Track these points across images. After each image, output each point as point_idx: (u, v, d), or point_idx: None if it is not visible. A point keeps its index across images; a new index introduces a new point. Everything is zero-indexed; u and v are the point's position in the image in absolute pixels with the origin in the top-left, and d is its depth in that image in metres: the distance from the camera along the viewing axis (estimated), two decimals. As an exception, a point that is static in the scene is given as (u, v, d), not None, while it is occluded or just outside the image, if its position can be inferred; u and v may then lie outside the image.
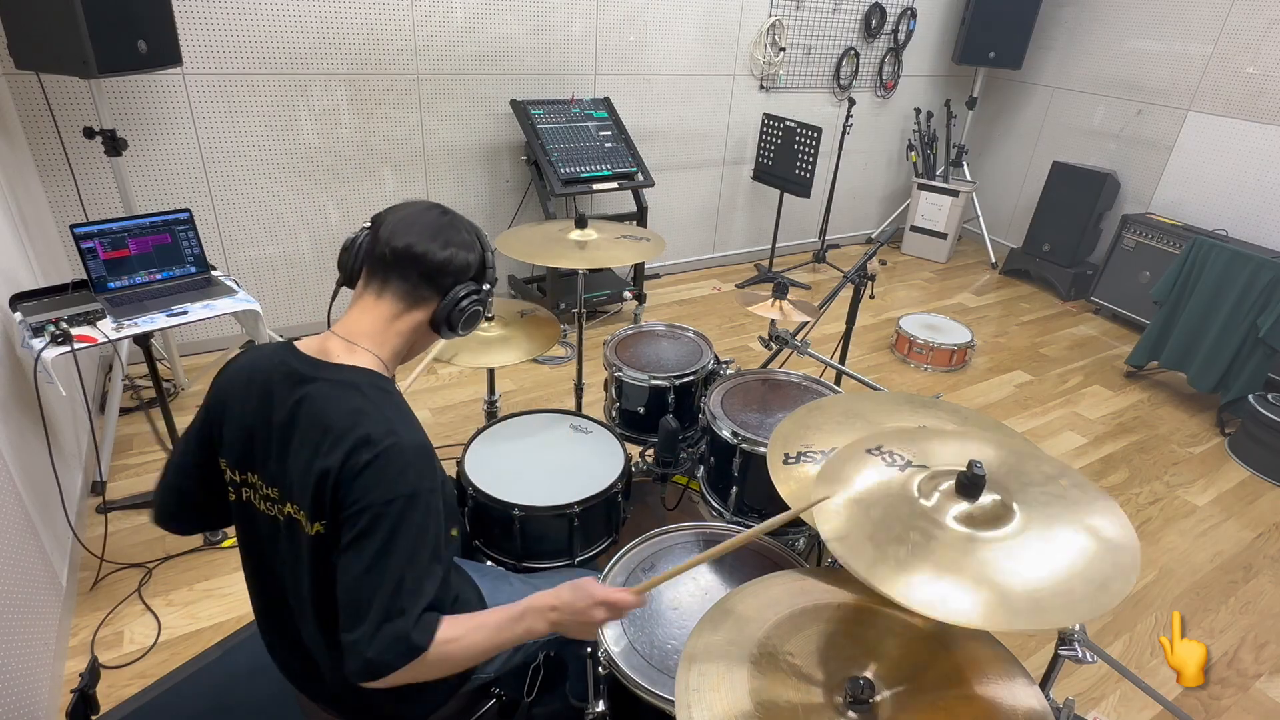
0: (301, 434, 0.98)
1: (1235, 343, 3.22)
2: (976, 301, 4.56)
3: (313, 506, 0.96)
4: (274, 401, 1.00)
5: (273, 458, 1.01)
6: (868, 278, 2.36)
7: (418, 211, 1.08)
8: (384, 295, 1.05)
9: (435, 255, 1.05)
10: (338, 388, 0.99)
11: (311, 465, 0.95)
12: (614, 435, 1.87)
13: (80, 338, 1.87)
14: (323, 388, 0.98)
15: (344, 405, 0.97)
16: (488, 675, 1.28)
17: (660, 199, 4.24)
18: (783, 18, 4.21)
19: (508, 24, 3.43)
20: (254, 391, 1.02)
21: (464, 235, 1.09)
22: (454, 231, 1.08)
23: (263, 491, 1.03)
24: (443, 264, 1.05)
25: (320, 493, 0.95)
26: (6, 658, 1.49)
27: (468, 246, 1.09)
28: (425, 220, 1.07)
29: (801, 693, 0.92)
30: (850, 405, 1.51)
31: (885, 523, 0.99)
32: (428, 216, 1.08)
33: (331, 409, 0.97)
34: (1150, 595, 2.33)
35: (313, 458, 0.95)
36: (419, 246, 1.04)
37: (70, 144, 2.65)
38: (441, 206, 1.11)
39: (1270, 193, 3.89)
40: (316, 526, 0.97)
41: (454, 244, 1.07)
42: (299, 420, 0.98)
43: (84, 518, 2.27)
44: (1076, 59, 4.71)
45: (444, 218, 1.09)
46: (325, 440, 0.95)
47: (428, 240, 1.05)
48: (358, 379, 1.00)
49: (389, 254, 1.04)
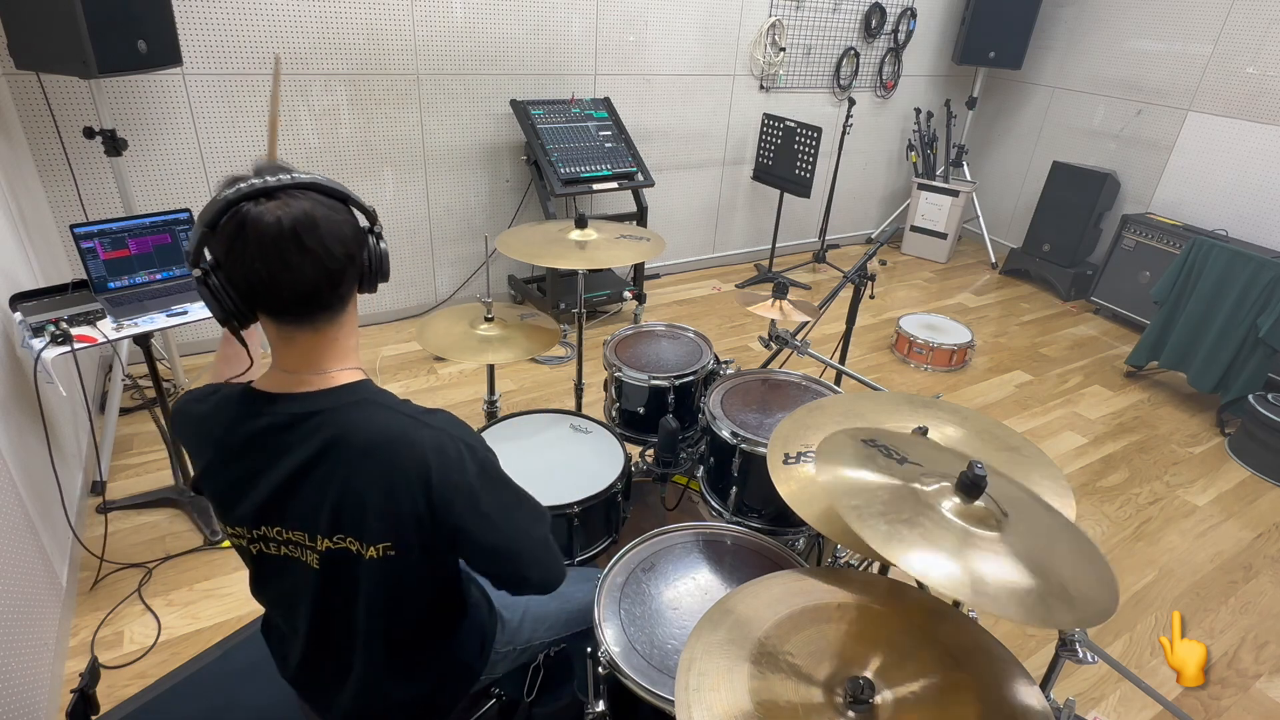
0: (329, 466, 0.94)
1: (1235, 343, 3.22)
2: (976, 301, 4.56)
3: (375, 531, 0.95)
4: (269, 452, 0.95)
5: (288, 503, 0.97)
6: (868, 278, 2.36)
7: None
8: (300, 333, 0.95)
9: (300, 294, 0.89)
10: (347, 410, 0.95)
11: (359, 493, 0.93)
12: (614, 435, 1.87)
13: (80, 338, 1.87)
14: (332, 416, 0.94)
15: (371, 425, 0.94)
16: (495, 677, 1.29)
17: (660, 199, 4.24)
18: (783, 18, 4.21)
19: (508, 24, 3.43)
20: (236, 452, 0.97)
21: (314, 245, 0.87)
22: (299, 258, 0.87)
23: (284, 537, 0.99)
24: (309, 295, 0.90)
25: (394, 517, 0.94)
26: (6, 658, 1.49)
27: (319, 260, 0.88)
28: (269, 265, 0.88)
29: (801, 693, 0.92)
30: (850, 405, 1.51)
31: (894, 504, 1.00)
32: (262, 253, 0.87)
33: (355, 432, 0.94)
34: (1150, 595, 2.33)
35: (361, 486, 0.93)
36: (275, 300, 0.90)
37: (70, 144, 2.65)
38: (279, 231, 0.86)
39: (1270, 193, 3.89)
40: (372, 551, 0.96)
41: (303, 271, 0.88)
42: (321, 456, 0.94)
43: (84, 518, 2.28)
44: (1076, 59, 4.71)
45: (279, 245, 0.87)
46: (369, 465, 0.93)
47: (276, 289, 0.88)
48: (356, 395, 0.97)
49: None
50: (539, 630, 1.34)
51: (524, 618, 1.32)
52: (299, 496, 0.96)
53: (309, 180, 0.89)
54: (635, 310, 3.90)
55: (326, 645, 1.08)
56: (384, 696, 1.11)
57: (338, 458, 0.93)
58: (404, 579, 1.01)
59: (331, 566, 0.99)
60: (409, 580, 1.02)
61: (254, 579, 1.10)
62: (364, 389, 0.98)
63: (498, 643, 1.27)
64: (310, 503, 0.95)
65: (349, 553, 0.97)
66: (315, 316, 0.93)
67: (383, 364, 3.27)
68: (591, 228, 2.11)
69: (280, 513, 0.98)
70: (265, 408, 0.95)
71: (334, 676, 1.10)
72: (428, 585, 1.07)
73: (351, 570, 0.98)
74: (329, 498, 0.94)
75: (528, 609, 1.34)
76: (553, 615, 1.36)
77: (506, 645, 1.29)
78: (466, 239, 3.76)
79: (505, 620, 1.29)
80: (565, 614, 1.37)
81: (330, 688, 1.12)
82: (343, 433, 0.93)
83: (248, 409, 0.96)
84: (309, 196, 0.88)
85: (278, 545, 1.00)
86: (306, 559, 0.99)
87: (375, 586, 0.99)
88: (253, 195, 0.85)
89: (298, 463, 0.94)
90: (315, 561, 0.99)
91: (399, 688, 1.11)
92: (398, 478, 0.93)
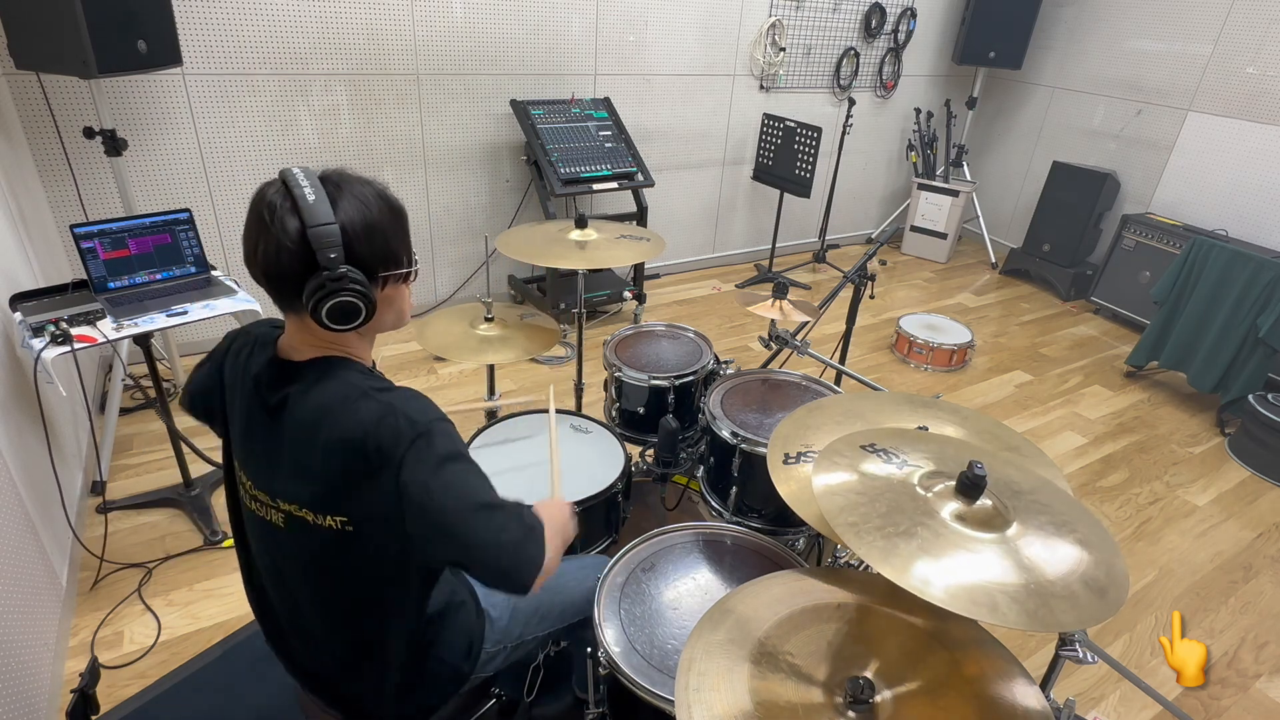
0: (290, 436, 0.98)
1: (1235, 343, 3.22)
2: (976, 301, 4.56)
3: (324, 502, 0.97)
4: (261, 402, 1.01)
5: (261, 462, 1.02)
6: (868, 278, 2.36)
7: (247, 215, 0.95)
8: (281, 308, 0.99)
9: (258, 270, 0.94)
10: (314, 385, 0.98)
11: (311, 464, 0.96)
12: (614, 435, 1.87)
13: (80, 338, 1.87)
14: (301, 386, 0.98)
15: (323, 397, 0.97)
16: (487, 674, 1.28)
17: (660, 199, 4.24)
18: (783, 18, 4.20)
19: (508, 24, 3.43)
20: (249, 387, 1.03)
21: (276, 226, 0.90)
22: (262, 229, 0.92)
23: (253, 493, 1.04)
24: (266, 275, 0.94)
25: (336, 487, 0.95)
26: (6, 658, 1.49)
27: (275, 238, 0.91)
28: (247, 226, 0.94)
29: (801, 692, 0.92)
30: (850, 405, 1.51)
31: (891, 516, 1.00)
32: (249, 217, 0.94)
33: (310, 403, 0.97)
34: (1150, 595, 2.33)
35: (308, 457, 0.96)
36: (250, 264, 0.95)
37: (70, 144, 2.65)
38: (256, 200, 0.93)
39: (1270, 193, 3.89)
40: (329, 521, 0.97)
41: (265, 245, 0.92)
42: (285, 424, 0.98)
43: (84, 518, 2.27)
44: (1076, 59, 4.71)
45: (251, 214, 0.94)
46: (317, 437, 0.95)
47: (249, 251, 0.94)
48: (327, 371, 0.99)
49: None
50: (531, 625, 1.32)
51: (513, 615, 1.30)
52: (261, 459, 1.01)
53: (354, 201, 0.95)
54: (635, 310, 3.90)
55: (292, 609, 1.11)
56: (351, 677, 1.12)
57: (293, 429, 0.97)
58: (360, 552, 1.00)
59: (295, 529, 1.01)
60: (368, 557, 1.01)
61: (234, 526, 1.15)
62: (335, 364, 1.00)
63: (487, 643, 1.25)
64: (272, 467, 1.00)
65: (305, 521, 0.99)
66: (278, 302, 0.97)
67: (382, 364, 3.27)
68: (591, 228, 2.11)
69: (254, 467, 1.03)
70: (265, 366, 1.02)
71: (298, 640, 1.14)
72: (390, 562, 1.02)
73: (307, 537, 1.00)
74: (283, 466, 0.99)
75: (516, 605, 1.31)
76: (545, 607, 1.34)
77: (496, 645, 1.27)
78: (466, 239, 3.76)
79: (493, 619, 1.28)
80: (558, 606, 1.35)
81: (295, 650, 1.16)
82: (298, 408, 0.97)
83: (260, 360, 1.03)
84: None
85: (249, 499, 1.06)
86: (272, 518, 1.03)
87: (328, 559, 1.01)
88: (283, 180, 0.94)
89: (262, 424, 1.00)
90: (281, 522, 1.02)
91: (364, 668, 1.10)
92: (343, 450, 0.94)
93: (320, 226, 0.90)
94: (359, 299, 0.94)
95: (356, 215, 0.94)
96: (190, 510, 2.31)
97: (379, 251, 0.97)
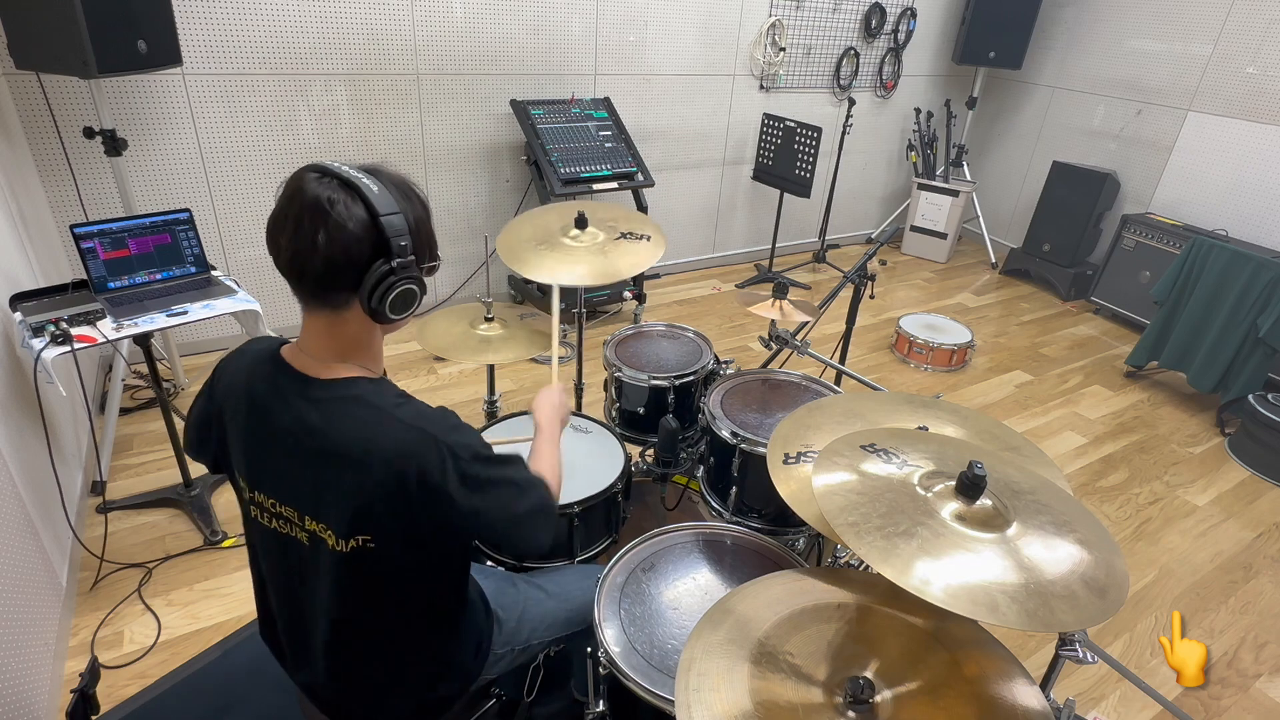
0: (310, 455, 0.96)
1: (1235, 343, 3.22)
2: (976, 301, 4.56)
3: (350, 525, 0.96)
4: (271, 419, 0.99)
5: (282, 477, 1.00)
6: (868, 278, 2.36)
7: (281, 209, 0.93)
8: (311, 307, 0.97)
9: (313, 261, 0.91)
10: (334, 405, 0.97)
11: (337, 486, 0.95)
12: (614, 435, 1.87)
13: (80, 338, 1.87)
14: (321, 408, 0.97)
15: (349, 423, 0.96)
16: (492, 676, 1.29)
17: (660, 199, 4.24)
18: (783, 18, 4.20)
19: (508, 24, 3.43)
20: (247, 406, 1.01)
21: (338, 214, 0.89)
22: (322, 218, 0.89)
23: (276, 510, 1.02)
24: (326, 264, 0.91)
25: (363, 513, 0.95)
26: (6, 658, 1.49)
27: (343, 227, 0.90)
28: (289, 219, 0.91)
29: (801, 692, 0.92)
30: (850, 405, 1.51)
31: (891, 516, 1.00)
32: (291, 209, 0.91)
33: (335, 430, 0.95)
34: (1150, 595, 2.33)
35: (336, 479, 0.95)
36: (295, 258, 0.92)
37: (70, 144, 2.65)
38: (303, 191, 0.91)
39: (1270, 193, 3.89)
40: (352, 543, 0.97)
41: (328, 233, 0.89)
42: (304, 441, 0.97)
43: (84, 518, 2.27)
44: (1076, 59, 4.71)
45: (297, 205, 0.91)
46: (345, 461, 0.94)
47: (298, 244, 0.91)
48: (348, 391, 0.98)
49: (284, 270, 0.94)
50: (538, 631, 1.34)
51: (522, 619, 1.32)
52: (283, 473, 1.00)
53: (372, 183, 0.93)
54: (635, 310, 3.90)
55: (301, 623, 1.10)
56: (368, 688, 1.12)
57: (314, 447, 0.96)
58: (382, 569, 1.01)
59: (313, 547, 1.01)
60: (386, 570, 1.01)
61: (254, 543, 1.12)
62: (359, 385, 0.99)
63: (495, 644, 1.26)
64: (296, 482, 0.99)
65: (322, 541, 0.99)
66: (301, 292, 0.96)
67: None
68: (593, 226, 2.10)
69: (272, 482, 1.01)
70: (278, 375, 1.00)
71: (306, 654, 1.12)
72: (411, 577, 1.05)
73: (320, 556, 1.00)
74: (306, 483, 0.98)
75: (525, 610, 1.33)
76: (551, 615, 1.36)
77: (504, 647, 1.28)
78: (466, 239, 3.76)
79: (502, 621, 1.29)
80: (565, 613, 1.37)
81: (304, 665, 1.15)
82: (319, 427, 0.96)
83: (268, 370, 1.01)
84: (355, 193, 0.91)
85: (266, 516, 1.03)
86: (296, 535, 1.02)
87: (342, 577, 1.00)
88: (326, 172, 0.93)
89: (281, 440, 0.98)
90: (306, 539, 1.01)
91: (384, 680, 1.11)
92: (374, 475, 0.94)
93: (391, 215, 0.92)
94: (420, 286, 0.98)
95: (408, 207, 0.96)
96: (190, 510, 2.31)
97: (425, 242, 1.00)
